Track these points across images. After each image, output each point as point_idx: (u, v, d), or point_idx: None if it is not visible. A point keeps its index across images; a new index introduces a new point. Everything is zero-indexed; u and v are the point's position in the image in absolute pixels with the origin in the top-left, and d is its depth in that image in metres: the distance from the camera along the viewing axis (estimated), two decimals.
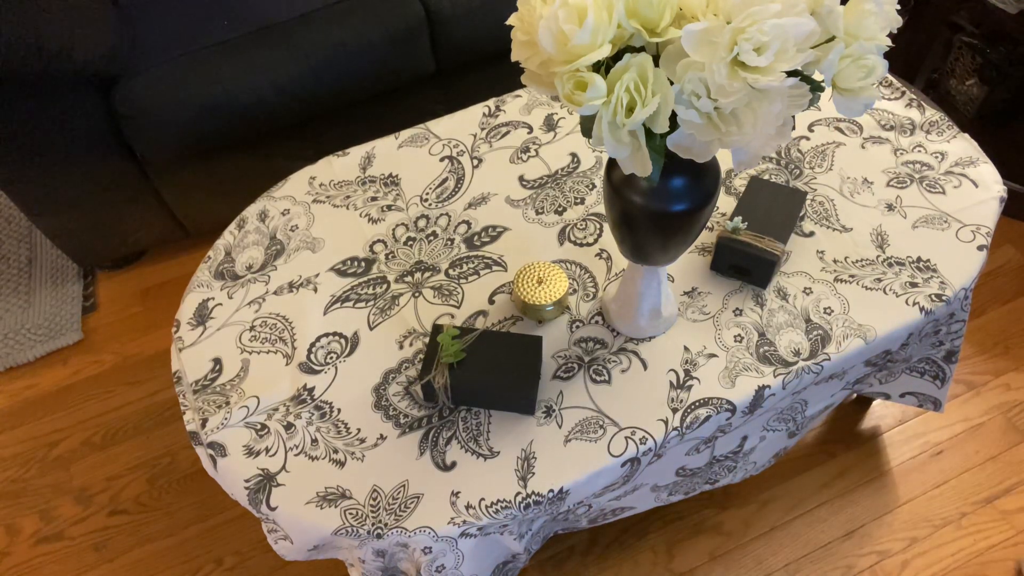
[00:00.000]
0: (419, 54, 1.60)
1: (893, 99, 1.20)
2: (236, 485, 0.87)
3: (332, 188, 1.14)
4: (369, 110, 1.64)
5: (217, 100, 1.47)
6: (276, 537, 0.89)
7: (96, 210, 1.61)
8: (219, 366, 0.96)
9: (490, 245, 1.06)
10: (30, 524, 1.43)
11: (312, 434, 0.89)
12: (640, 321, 0.93)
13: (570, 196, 1.11)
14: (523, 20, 0.63)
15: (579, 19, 0.58)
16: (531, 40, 0.63)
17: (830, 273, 1.00)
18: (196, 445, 0.92)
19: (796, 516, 1.35)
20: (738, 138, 0.60)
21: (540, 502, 0.84)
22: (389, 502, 0.84)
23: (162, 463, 1.48)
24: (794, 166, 1.12)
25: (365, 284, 1.03)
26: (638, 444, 0.87)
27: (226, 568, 1.36)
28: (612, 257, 1.03)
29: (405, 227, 1.09)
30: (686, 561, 1.31)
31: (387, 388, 0.93)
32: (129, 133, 1.47)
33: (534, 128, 1.19)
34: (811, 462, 1.41)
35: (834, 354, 0.93)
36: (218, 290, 1.04)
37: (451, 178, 1.14)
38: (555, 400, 0.91)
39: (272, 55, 1.49)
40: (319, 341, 0.97)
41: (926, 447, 1.42)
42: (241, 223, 1.11)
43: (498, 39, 1.62)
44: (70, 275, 1.79)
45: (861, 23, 0.62)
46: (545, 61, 0.63)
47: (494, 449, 0.87)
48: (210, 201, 1.67)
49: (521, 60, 0.66)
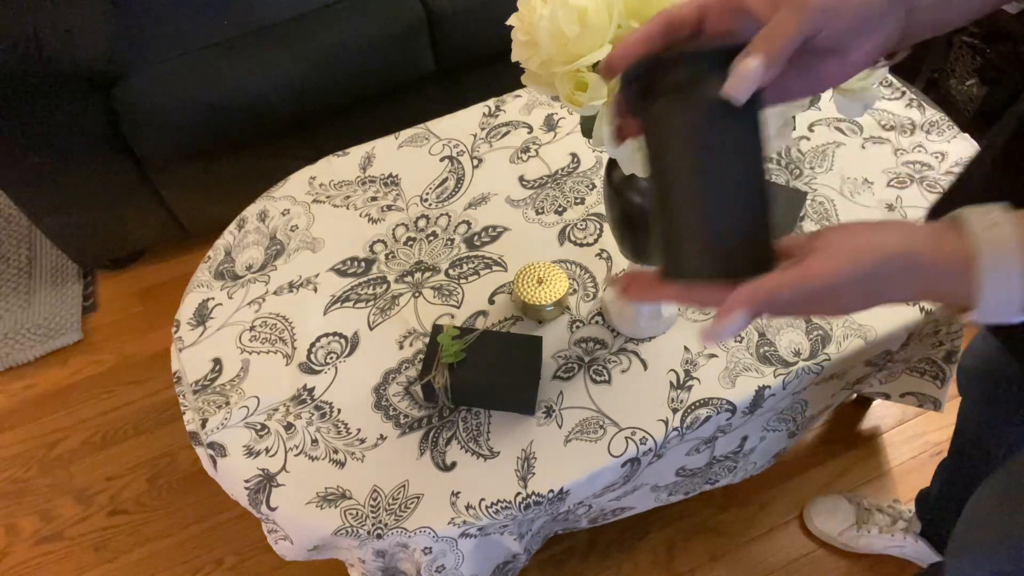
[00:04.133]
0: (419, 54, 1.60)
1: (893, 99, 1.20)
2: (236, 485, 0.87)
3: (332, 188, 1.14)
4: (369, 110, 1.64)
5: (217, 100, 1.47)
6: (276, 537, 0.89)
7: (96, 210, 1.61)
8: (219, 366, 0.96)
9: (490, 245, 1.06)
10: (30, 524, 1.42)
11: (312, 434, 0.89)
12: (640, 321, 0.93)
13: (570, 196, 1.11)
14: (523, 20, 0.63)
15: (579, 19, 0.58)
16: (531, 40, 0.63)
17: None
18: (196, 445, 0.92)
19: (796, 516, 1.35)
20: None
21: (540, 502, 0.84)
22: (389, 502, 0.83)
23: (162, 463, 1.48)
24: (794, 166, 1.12)
25: (365, 284, 1.03)
26: (638, 444, 0.87)
27: (226, 568, 1.36)
28: (612, 257, 1.03)
29: (405, 227, 1.09)
30: (686, 561, 1.31)
31: (387, 388, 0.93)
32: (129, 133, 1.47)
33: (534, 128, 1.19)
34: (811, 462, 1.41)
35: (834, 354, 0.93)
36: (218, 290, 1.04)
37: (451, 178, 1.14)
38: (555, 400, 0.91)
39: (272, 55, 1.49)
40: (319, 341, 0.97)
41: (926, 447, 1.42)
42: (241, 223, 1.11)
43: (498, 39, 1.61)
44: (70, 275, 1.79)
45: None
46: (545, 61, 0.63)
47: (494, 449, 0.87)
48: (210, 201, 1.67)
49: (521, 60, 0.66)
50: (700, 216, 0.40)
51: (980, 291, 0.37)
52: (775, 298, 0.40)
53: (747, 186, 0.41)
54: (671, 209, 0.41)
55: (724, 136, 0.40)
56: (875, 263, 0.38)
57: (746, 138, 0.40)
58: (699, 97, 0.39)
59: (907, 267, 0.39)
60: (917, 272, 0.39)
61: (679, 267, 0.42)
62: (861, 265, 0.38)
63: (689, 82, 0.39)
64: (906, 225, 0.40)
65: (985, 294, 0.37)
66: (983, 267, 0.37)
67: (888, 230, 0.40)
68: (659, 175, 0.42)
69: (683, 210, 0.41)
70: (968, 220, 0.38)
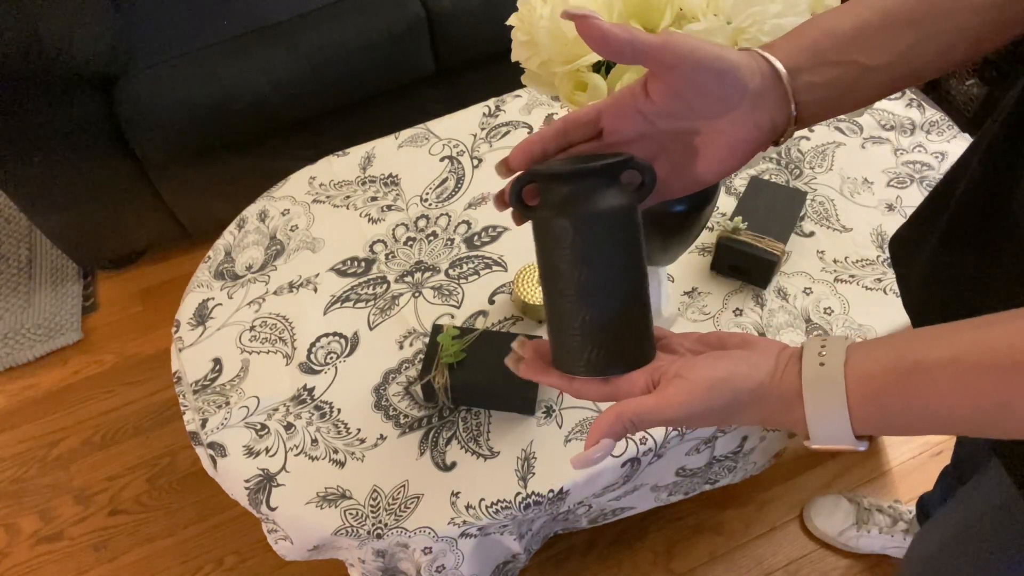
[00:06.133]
0: (419, 54, 1.60)
1: (893, 99, 1.20)
2: (236, 485, 0.87)
3: (332, 188, 1.14)
4: (369, 110, 1.64)
5: (217, 100, 1.47)
6: (276, 537, 0.89)
7: (96, 210, 1.61)
8: (219, 366, 0.96)
9: (490, 245, 1.06)
10: (30, 524, 1.43)
11: (312, 434, 0.89)
12: None
13: None
14: (523, 20, 0.63)
15: None
16: (531, 40, 0.63)
17: (830, 273, 1.00)
18: (196, 445, 0.92)
19: (796, 516, 1.35)
20: None
21: (540, 502, 0.84)
22: (389, 502, 0.83)
23: (162, 463, 1.48)
24: (794, 166, 1.12)
25: (365, 284, 1.03)
26: (638, 444, 0.87)
27: (226, 568, 1.36)
28: None
29: (405, 227, 1.09)
30: (686, 561, 1.31)
31: (387, 388, 0.93)
32: (129, 133, 1.47)
33: (534, 128, 1.19)
34: (811, 462, 1.41)
35: None
36: (218, 290, 1.04)
37: (451, 178, 1.14)
38: (555, 400, 0.91)
39: (272, 55, 1.49)
40: (319, 341, 0.97)
41: (926, 447, 1.42)
42: (241, 223, 1.11)
43: (498, 39, 1.61)
44: (70, 275, 1.79)
45: None
46: (545, 61, 0.63)
47: (494, 449, 0.87)
48: (210, 201, 1.67)
49: (521, 60, 0.66)
50: (578, 317, 0.44)
51: (808, 423, 0.41)
52: (638, 420, 0.44)
53: (624, 289, 0.44)
54: (554, 306, 0.45)
55: (600, 247, 0.43)
56: (724, 397, 0.42)
57: (623, 243, 0.44)
58: (577, 213, 0.42)
59: (753, 400, 0.43)
60: (761, 405, 0.43)
61: (560, 360, 0.46)
62: (713, 399, 0.42)
63: (570, 196, 0.43)
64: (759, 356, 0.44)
65: (812, 426, 0.41)
66: (806, 401, 0.40)
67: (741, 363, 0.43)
68: (543, 274, 0.45)
69: (563, 309, 0.44)
70: (805, 355, 0.42)
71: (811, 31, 0.44)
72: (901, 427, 0.40)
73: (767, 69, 0.42)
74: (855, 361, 0.40)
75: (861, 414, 0.40)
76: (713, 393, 0.42)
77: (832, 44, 0.43)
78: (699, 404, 0.42)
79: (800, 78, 0.43)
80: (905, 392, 0.38)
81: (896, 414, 0.39)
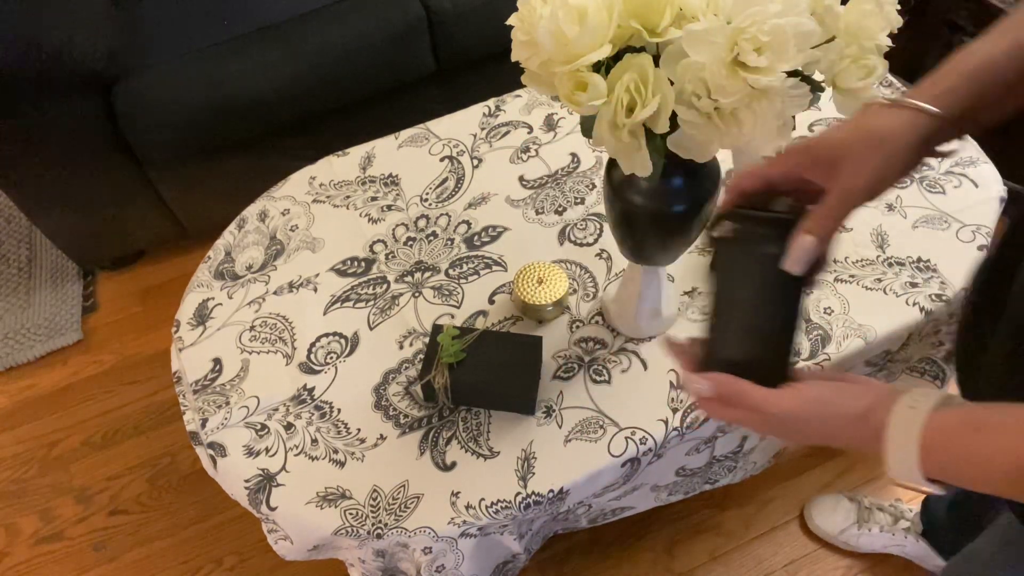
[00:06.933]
0: (419, 54, 1.60)
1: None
2: (236, 485, 0.87)
3: (332, 188, 1.14)
4: (369, 110, 1.64)
5: (217, 100, 1.47)
6: (276, 537, 0.89)
7: (96, 210, 1.61)
8: (219, 366, 0.96)
9: (490, 245, 1.06)
10: (30, 524, 1.43)
11: (312, 434, 0.89)
12: (640, 321, 0.93)
13: (570, 196, 1.11)
14: (523, 20, 0.63)
15: (579, 19, 0.58)
16: (531, 40, 0.63)
17: (830, 273, 1.00)
18: (196, 445, 0.92)
19: (796, 516, 1.35)
20: (738, 138, 0.60)
21: (540, 502, 0.84)
22: (389, 502, 0.83)
23: (162, 463, 1.48)
24: None
25: (365, 284, 1.03)
26: (638, 444, 0.87)
27: (226, 568, 1.36)
28: (612, 257, 1.03)
29: (405, 227, 1.09)
30: (686, 561, 1.31)
31: (387, 388, 0.93)
32: (129, 133, 1.47)
33: (534, 128, 1.19)
34: (811, 462, 1.41)
35: (834, 354, 0.93)
36: (218, 290, 1.04)
37: (451, 178, 1.14)
38: (555, 400, 0.91)
39: (272, 55, 1.49)
40: (319, 341, 0.97)
41: None
42: (241, 223, 1.11)
43: (498, 39, 1.61)
44: (70, 275, 1.79)
45: (861, 23, 0.62)
46: (545, 61, 0.63)
47: (494, 449, 0.87)
48: (210, 201, 1.67)
49: (521, 60, 0.66)
50: (740, 333, 0.55)
51: (885, 457, 0.47)
52: (740, 400, 0.51)
53: (781, 323, 0.54)
54: (723, 320, 0.56)
55: (774, 285, 0.54)
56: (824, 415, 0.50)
57: (788, 288, 0.54)
58: (762, 253, 0.53)
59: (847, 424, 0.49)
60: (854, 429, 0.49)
61: (712, 361, 0.55)
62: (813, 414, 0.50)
63: (759, 237, 0.54)
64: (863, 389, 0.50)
65: (888, 460, 0.47)
66: (887, 438, 0.47)
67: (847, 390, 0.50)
68: (720, 292, 0.56)
69: (730, 323, 0.56)
70: (903, 396, 0.48)
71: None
72: (965, 476, 0.45)
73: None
74: (939, 411, 0.46)
75: (930, 456, 0.45)
76: (816, 407, 0.49)
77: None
78: (801, 413, 0.49)
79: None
80: (971, 442, 0.44)
81: (959, 460, 0.45)
